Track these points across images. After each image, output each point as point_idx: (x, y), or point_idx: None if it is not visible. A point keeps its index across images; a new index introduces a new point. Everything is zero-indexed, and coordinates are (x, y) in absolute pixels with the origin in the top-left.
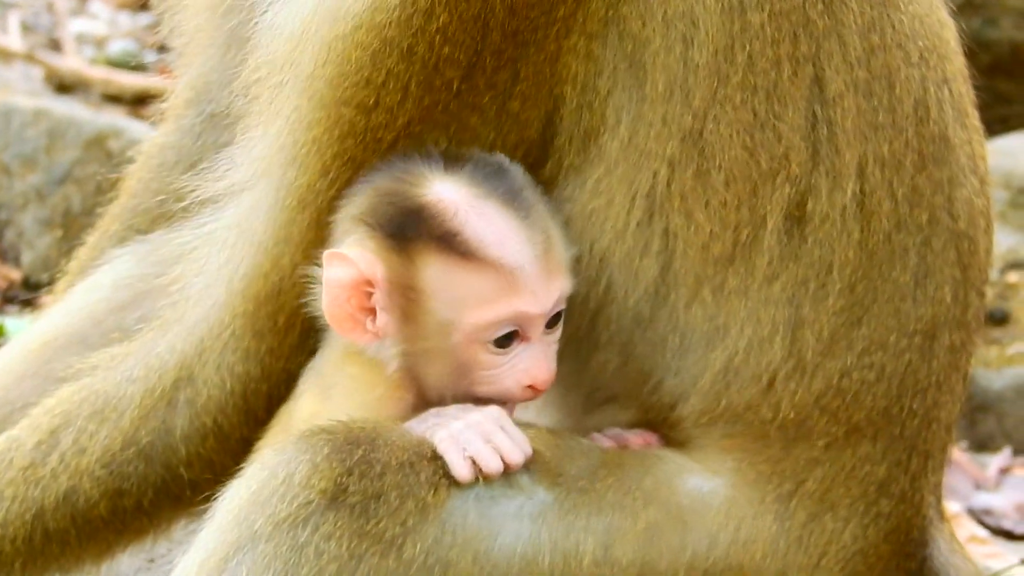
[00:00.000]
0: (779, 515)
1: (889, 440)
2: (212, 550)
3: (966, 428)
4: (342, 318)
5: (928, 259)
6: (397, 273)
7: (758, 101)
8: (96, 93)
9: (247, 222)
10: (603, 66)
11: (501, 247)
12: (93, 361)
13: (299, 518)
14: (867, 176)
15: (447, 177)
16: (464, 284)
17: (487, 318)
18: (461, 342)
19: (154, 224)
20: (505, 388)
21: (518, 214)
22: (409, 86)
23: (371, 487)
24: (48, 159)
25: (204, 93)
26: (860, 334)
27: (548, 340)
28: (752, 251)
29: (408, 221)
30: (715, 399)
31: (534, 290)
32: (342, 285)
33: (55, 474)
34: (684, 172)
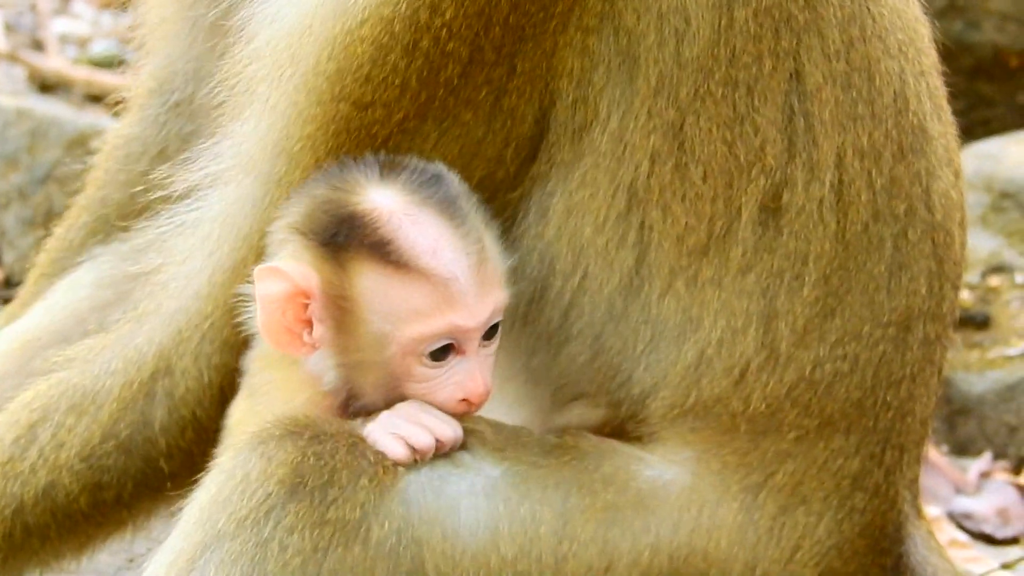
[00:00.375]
0: (746, 505)
1: (863, 433)
2: (179, 551)
3: (947, 432)
4: (278, 332)
5: (904, 250)
6: (331, 283)
7: (738, 96)
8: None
9: (231, 214)
10: (598, 61)
11: (435, 257)
12: (70, 354)
13: (260, 513)
14: (845, 166)
15: (382, 184)
16: (398, 296)
17: (422, 331)
18: (396, 354)
19: (123, 215)
20: (439, 402)
21: (453, 223)
22: (409, 81)
23: (325, 469)
24: (30, 158)
25: (168, 82)
26: (834, 325)
27: (484, 353)
28: (727, 242)
29: (341, 229)
30: (685, 392)
31: (469, 303)
32: (276, 299)
33: (34, 469)
34: (664, 165)
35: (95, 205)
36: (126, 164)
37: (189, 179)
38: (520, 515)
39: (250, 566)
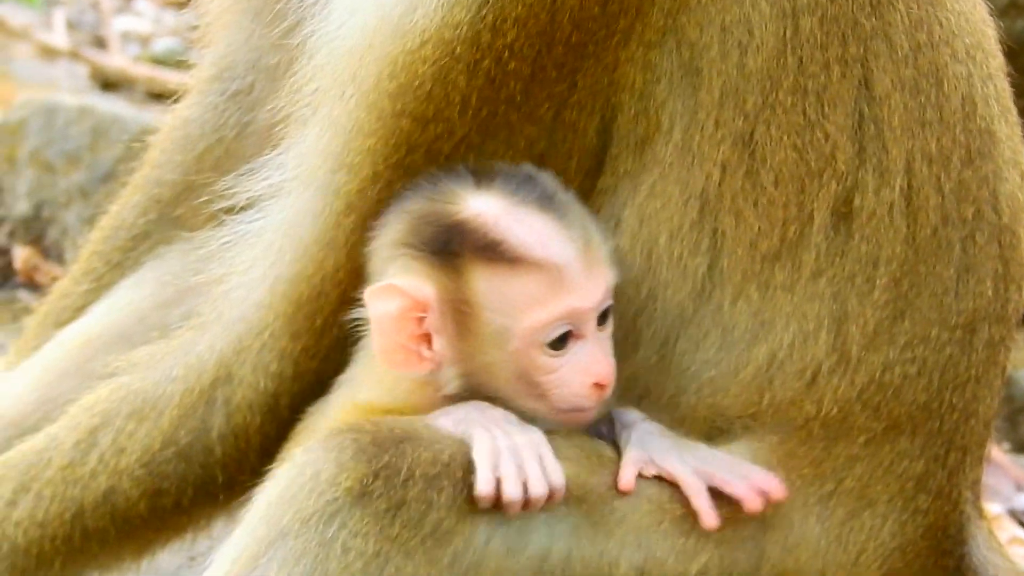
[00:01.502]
0: (820, 516)
1: (927, 435)
2: (244, 547)
3: (1008, 430)
4: (395, 352)
5: (971, 253)
6: (448, 290)
7: (808, 103)
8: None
9: (292, 225)
10: (660, 74)
11: (545, 247)
12: (132, 359)
13: (326, 514)
14: (914, 172)
15: (480, 191)
16: (514, 289)
17: (541, 319)
18: (519, 348)
19: (176, 197)
20: (573, 392)
21: (555, 215)
22: (471, 99)
23: (395, 495)
24: (92, 156)
25: (228, 71)
26: (903, 328)
27: (601, 336)
28: (799, 247)
29: (452, 237)
30: (758, 393)
31: (582, 285)
32: (392, 318)
33: (94, 474)
34: (735, 173)
35: (149, 185)
36: (183, 146)
37: (252, 190)
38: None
39: (312, 565)
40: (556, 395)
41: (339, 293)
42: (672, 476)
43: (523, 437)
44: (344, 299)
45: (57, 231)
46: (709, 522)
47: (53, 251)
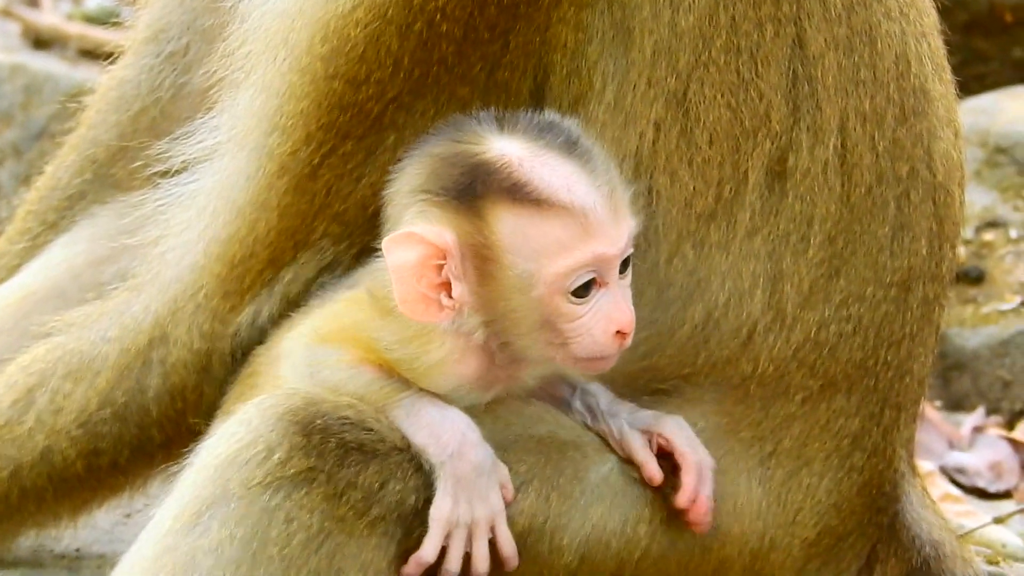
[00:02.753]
0: (761, 479)
1: (863, 393)
2: (187, 503)
3: (940, 387)
4: (416, 301)
5: (906, 211)
6: (470, 235)
7: (741, 62)
8: (73, 48)
9: (226, 187)
10: (592, 33)
11: (572, 192)
12: (68, 319)
13: (272, 485)
14: (848, 131)
15: (504, 134)
16: (540, 233)
17: (567, 264)
18: (543, 295)
19: (112, 157)
20: (595, 340)
21: (581, 160)
22: (402, 61)
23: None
24: (25, 115)
25: (163, 32)
26: (838, 286)
27: (623, 284)
28: (734, 206)
29: (475, 179)
30: (693, 352)
31: (608, 231)
32: (411, 266)
33: (31, 433)
34: (669, 133)
35: (84, 145)
36: (118, 107)
37: (187, 153)
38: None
39: (253, 528)
40: (578, 343)
41: (269, 254)
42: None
43: (482, 509)
44: (272, 259)
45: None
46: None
47: None
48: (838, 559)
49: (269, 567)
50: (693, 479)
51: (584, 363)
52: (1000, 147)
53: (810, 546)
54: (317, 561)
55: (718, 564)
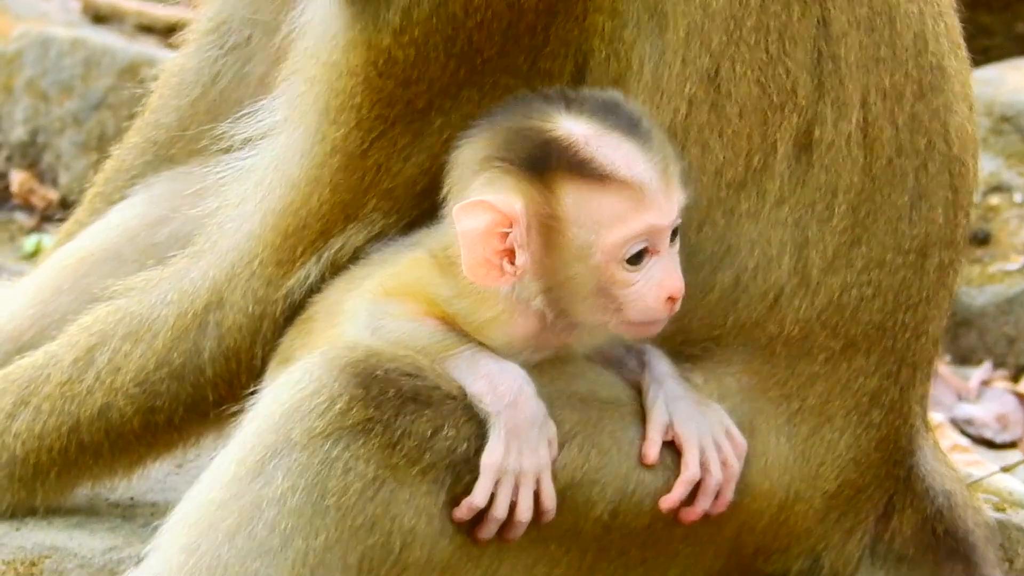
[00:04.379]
0: (788, 435)
1: (881, 353)
2: (250, 449)
3: (949, 342)
4: (481, 266)
5: (924, 182)
6: (537, 205)
7: (770, 41)
8: (130, 24)
9: (282, 163)
10: (627, 19)
11: (630, 168)
12: (129, 283)
13: (333, 435)
14: (870, 105)
15: (571, 114)
16: (600, 206)
17: (623, 234)
18: (600, 263)
19: (171, 140)
20: (647, 305)
21: (640, 139)
22: (448, 64)
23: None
24: (84, 86)
25: (225, 24)
26: (860, 253)
27: (672, 252)
28: (763, 177)
29: (546, 154)
30: (723, 315)
31: (661, 203)
32: (480, 232)
33: (91, 390)
34: (701, 107)
35: (147, 128)
36: (179, 93)
37: (246, 131)
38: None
39: (314, 479)
40: (631, 308)
41: (321, 225)
42: (681, 447)
43: (531, 460)
44: (324, 230)
45: (51, 156)
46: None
47: (48, 175)
48: (857, 510)
49: (327, 516)
50: (680, 492)
51: (636, 327)
52: (1005, 116)
53: (831, 498)
54: (373, 509)
55: (747, 517)
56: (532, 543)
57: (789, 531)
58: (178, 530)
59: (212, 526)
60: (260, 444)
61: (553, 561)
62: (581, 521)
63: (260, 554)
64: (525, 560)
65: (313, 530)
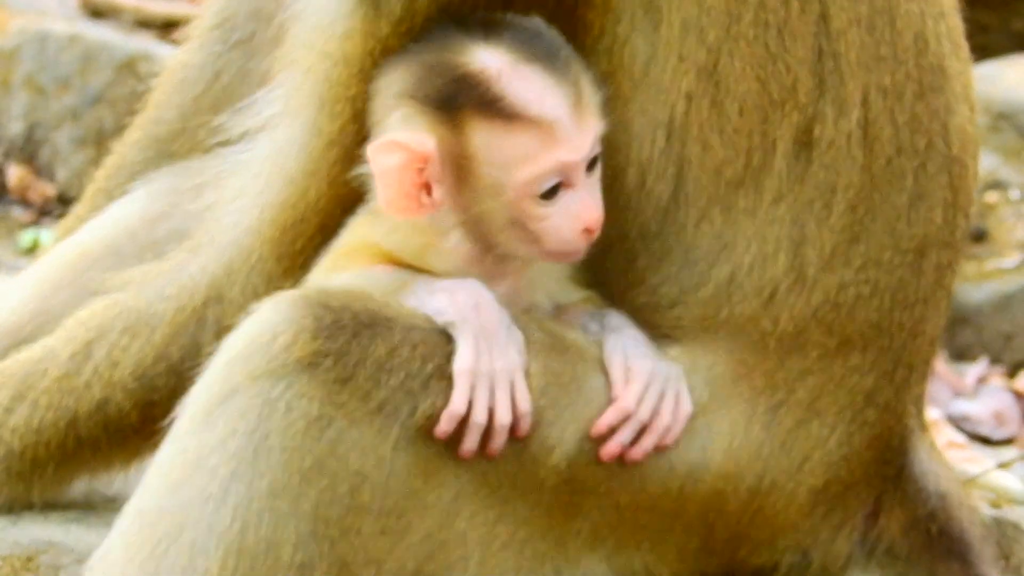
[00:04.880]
0: (766, 424)
1: (877, 352)
2: (200, 402)
3: (946, 339)
4: (398, 200)
5: (923, 182)
6: (448, 143)
7: (769, 37)
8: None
9: (280, 156)
10: (620, 14)
11: (541, 105)
12: (127, 277)
13: (274, 374)
14: (870, 104)
15: (488, 44)
16: (509, 145)
17: (533, 172)
18: (512, 200)
19: (173, 135)
20: (564, 238)
21: (556, 72)
22: None
23: (344, 372)
24: (82, 81)
25: (229, 20)
26: (858, 251)
27: (590, 183)
28: (761, 174)
29: (456, 91)
30: (716, 308)
31: (572, 139)
32: (395, 170)
33: (88, 384)
34: (700, 103)
35: (149, 124)
36: (182, 89)
37: (245, 124)
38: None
39: (255, 421)
40: (548, 240)
41: (319, 219)
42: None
43: (502, 361)
44: (323, 224)
45: (49, 151)
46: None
47: (45, 170)
48: (844, 506)
49: (270, 459)
50: (610, 418)
51: (556, 256)
52: (1002, 113)
53: (817, 493)
54: (319, 449)
55: (711, 496)
56: (491, 494)
57: (767, 521)
58: (135, 494)
59: (159, 482)
60: (207, 395)
61: (517, 520)
62: (541, 470)
63: (201, 502)
64: (486, 516)
65: (256, 474)
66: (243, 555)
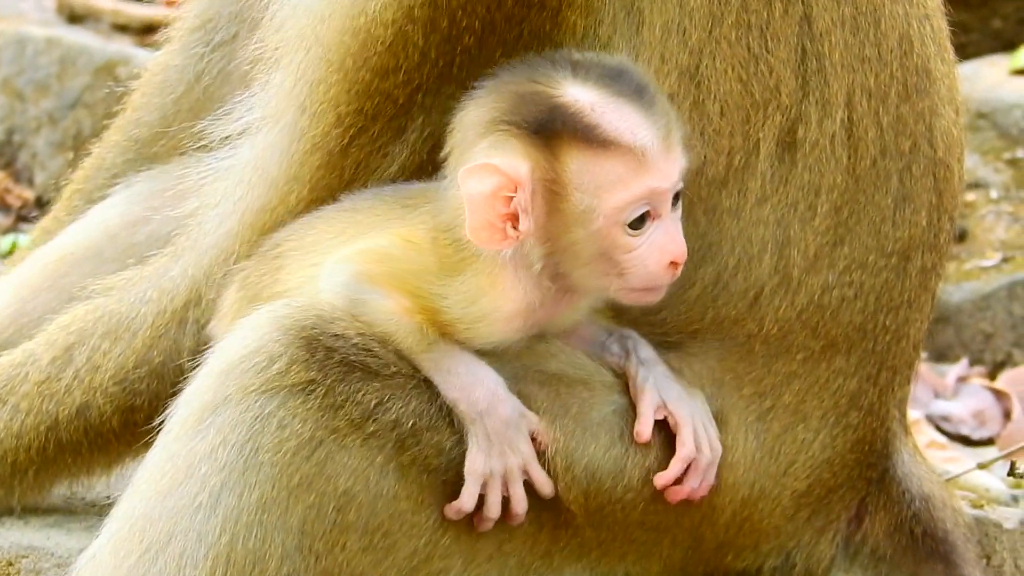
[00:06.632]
0: (757, 432)
1: (862, 355)
2: (192, 408)
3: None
4: (485, 228)
5: (908, 184)
6: (542, 169)
7: (752, 38)
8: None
9: (262, 161)
10: (602, 16)
11: (632, 133)
12: (108, 283)
13: (269, 391)
14: (855, 105)
15: (578, 80)
16: (603, 171)
17: (624, 198)
18: (602, 227)
19: (153, 138)
20: (649, 270)
21: (644, 105)
22: (429, 54)
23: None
24: (60, 85)
25: (211, 22)
26: (842, 253)
27: (674, 217)
28: (745, 175)
29: (551, 118)
30: (701, 311)
31: (661, 167)
32: (486, 196)
33: (69, 389)
34: (682, 104)
35: (128, 126)
36: (162, 91)
37: (226, 129)
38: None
39: (247, 434)
40: (633, 273)
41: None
42: (677, 425)
43: (515, 458)
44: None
45: (27, 155)
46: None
47: (23, 174)
48: (828, 510)
49: (260, 473)
50: (677, 469)
51: (637, 293)
52: (981, 112)
53: (800, 497)
54: (308, 468)
55: (708, 510)
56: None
57: (753, 527)
58: (123, 498)
59: (149, 488)
60: (199, 402)
61: (504, 536)
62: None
63: (190, 511)
64: (472, 533)
65: (246, 486)
66: (231, 566)
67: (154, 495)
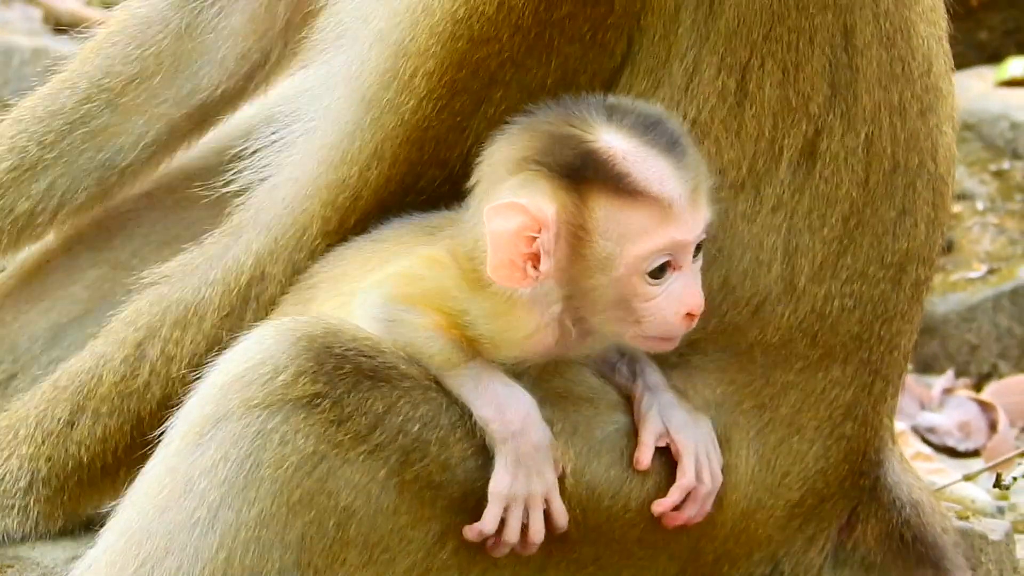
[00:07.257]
0: (755, 446)
1: (857, 365)
2: (193, 420)
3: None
4: (505, 267)
5: (911, 198)
6: (568, 213)
7: (801, 42)
8: None
9: (338, 135)
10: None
11: (662, 185)
12: (164, 270)
13: (272, 406)
14: (879, 121)
15: (612, 126)
16: (628, 219)
17: (647, 247)
18: (622, 275)
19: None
20: (666, 319)
21: (675, 157)
22: (524, 23)
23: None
24: None
25: None
26: (845, 263)
27: (695, 268)
28: (763, 181)
29: (582, 163)
30: (705, 317)
31: (686, 220)
32: (510, 234)
33: (148, 385)
34: (727, 102)
35: (95, 73)
36: (141, 43)
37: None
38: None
39: (248, 449)
40: (650, 321)
41: (376, 198)
42: (679, 454)
43: (540, 484)
44: (380, 202)
45: None
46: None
47: None
48: (819, 518)
49: (260, 489)
50: (676, 497)
51: (653, 341)
52: (967, 124)
53: (794, 506)
54: (310, 484)
55: (709, 527)
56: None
57: (749, 538)
58: (121, 509)
59: (147, 501)
60: (200, 415)
61: None
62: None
63: (189, 526)
64: (469, 547)
65: (246, 502)
66: None
67: (152, 509)
